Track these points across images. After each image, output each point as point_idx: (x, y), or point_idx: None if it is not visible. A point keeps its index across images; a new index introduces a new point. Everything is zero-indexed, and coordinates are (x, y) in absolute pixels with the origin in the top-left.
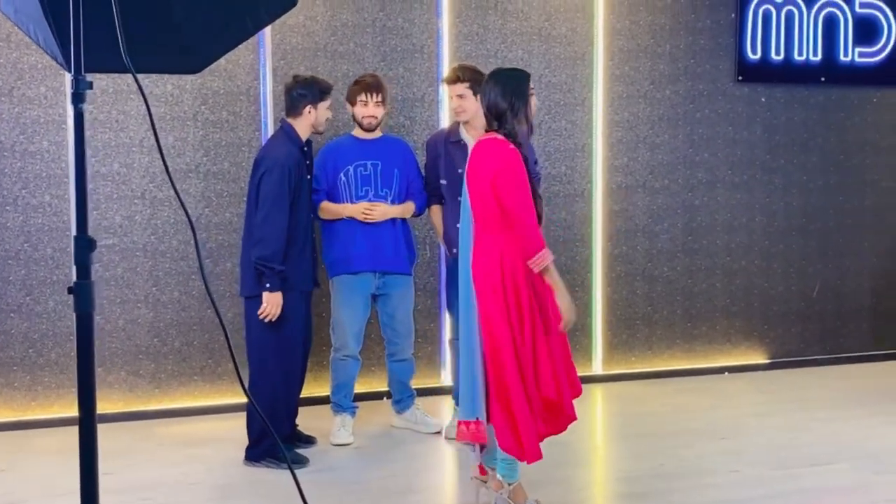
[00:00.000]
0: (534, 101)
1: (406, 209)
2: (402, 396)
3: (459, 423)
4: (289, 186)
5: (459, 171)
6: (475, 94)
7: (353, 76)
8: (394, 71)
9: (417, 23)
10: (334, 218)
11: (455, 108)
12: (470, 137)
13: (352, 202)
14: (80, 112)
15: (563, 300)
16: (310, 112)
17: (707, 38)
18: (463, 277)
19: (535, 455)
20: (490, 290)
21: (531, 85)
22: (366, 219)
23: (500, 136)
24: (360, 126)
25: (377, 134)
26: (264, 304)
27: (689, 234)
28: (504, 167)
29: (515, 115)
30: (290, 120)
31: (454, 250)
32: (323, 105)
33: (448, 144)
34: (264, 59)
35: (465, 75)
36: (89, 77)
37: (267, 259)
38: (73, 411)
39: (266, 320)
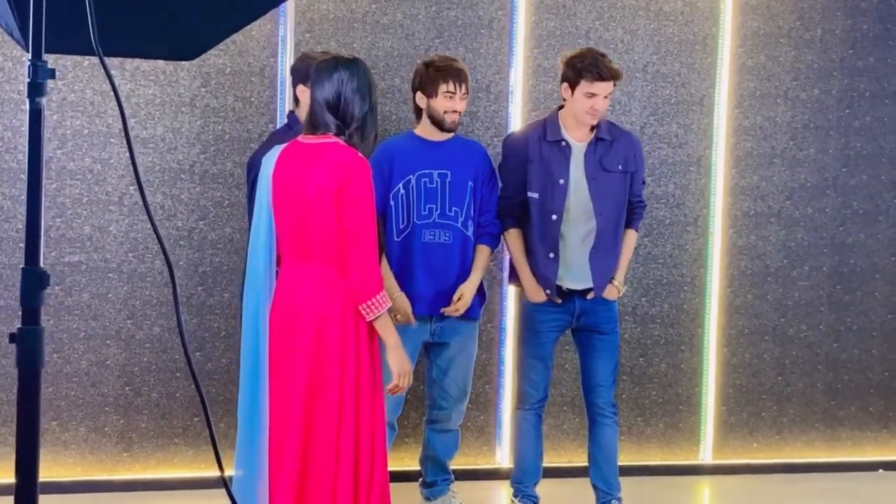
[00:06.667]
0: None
1: (485, 262)
2: (436, 478)
3: None
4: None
5: (562, 181)
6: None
7: (397, 55)
8: (452, 50)
9: None
10: None
11: (593, 111)
12: (572, 137)
13: (404, 225)
14: (38, 108)
15: (396, 356)
16: (303, 93)
17: (871, 22)
18: (250, 322)
19: None
20: (323, 340)
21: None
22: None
23: (341, 141)
24: (440, 125)
25: (449, 135)
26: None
27: (838, 283)
28: (356, 179)
29: (366, 125)
30: (295, 110)
31: (547, 291)
32: None
33: (544, 145)
34: (284, 30)
35: (616, 72)
36: (52, 62)
37: None
38: (8, 477)
39: None
